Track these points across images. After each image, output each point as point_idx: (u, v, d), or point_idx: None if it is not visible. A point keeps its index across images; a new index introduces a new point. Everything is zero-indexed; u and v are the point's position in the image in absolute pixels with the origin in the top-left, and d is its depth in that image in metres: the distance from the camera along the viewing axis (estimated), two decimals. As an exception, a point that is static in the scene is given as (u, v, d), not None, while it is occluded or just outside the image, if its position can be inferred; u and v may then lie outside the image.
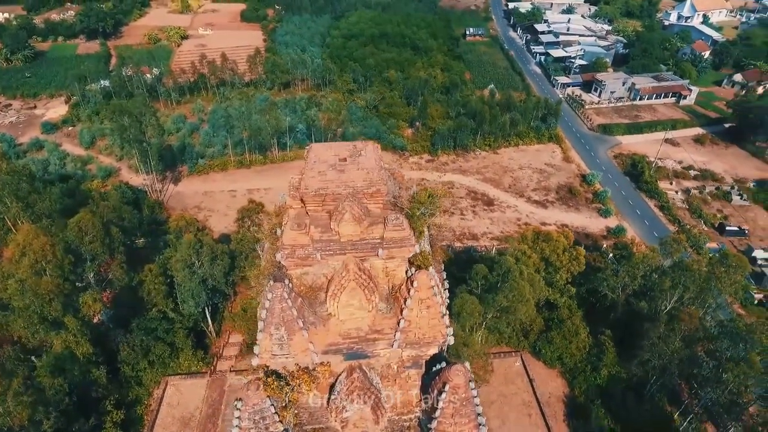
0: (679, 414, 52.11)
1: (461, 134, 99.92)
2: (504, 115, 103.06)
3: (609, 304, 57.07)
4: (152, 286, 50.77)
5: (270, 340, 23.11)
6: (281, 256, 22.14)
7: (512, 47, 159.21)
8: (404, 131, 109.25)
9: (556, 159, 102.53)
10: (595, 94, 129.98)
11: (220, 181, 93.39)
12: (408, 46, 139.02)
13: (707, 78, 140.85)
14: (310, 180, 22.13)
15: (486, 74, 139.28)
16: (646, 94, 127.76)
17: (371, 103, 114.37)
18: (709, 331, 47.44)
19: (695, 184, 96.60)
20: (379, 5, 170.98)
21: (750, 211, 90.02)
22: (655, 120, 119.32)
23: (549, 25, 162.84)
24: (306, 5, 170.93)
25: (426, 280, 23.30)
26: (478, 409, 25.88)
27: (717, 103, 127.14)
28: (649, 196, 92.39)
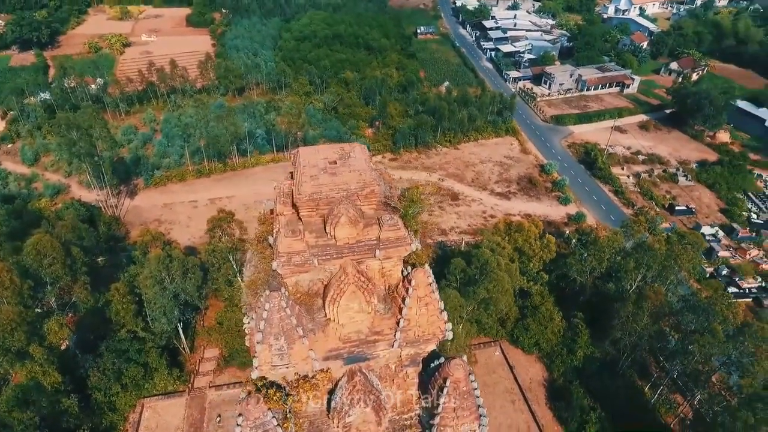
0: (650, 387, 54.91)
1: (422, 132, 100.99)
2: (462, 110, 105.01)
3: (578, 288, 59.32)
4: (120, 305, 48.45)
5: (269, 351, 22.57)
6: (277, 265, 21.66)
7: (463, 44, 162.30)
8: (365, 131, 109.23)
9: (515, 151, 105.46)
10: (545, 86, 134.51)
11: (179, 192, 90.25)
12: (362, 46, 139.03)
13: (647, 67, 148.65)
14: (303, 185, 21.74)
15: (440, 71, 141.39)
16: (592, 85, 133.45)
17: (329, 104, 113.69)
18: (673, 306, 50.17)
19: (644, 168, 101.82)
20: (330, 6, 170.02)
21: (695, 191, 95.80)
22: (602, 109, 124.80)
23: (497, 22, 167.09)
24: (254, 8, 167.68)
25: (424, 277, 23.41)
26: (478, 401, 26.28)
27: (657, 91, 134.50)
28: (604, 182, 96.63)
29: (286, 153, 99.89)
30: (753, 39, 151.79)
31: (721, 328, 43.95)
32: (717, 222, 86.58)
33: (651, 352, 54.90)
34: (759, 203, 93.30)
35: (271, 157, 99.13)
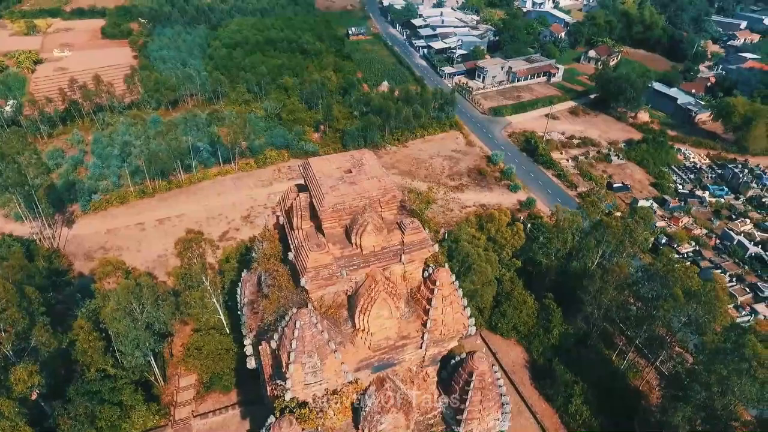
0: (616, 355, 58.82)
1: (370, 132, 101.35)
2: (407, 108, 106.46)
3: (544, 270, 62.25)
4: (86, 344, 44.74)
5: (303, 369, 21.99)
6: (305, 280, 21.11)
7: (395, 43, 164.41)
8: (311, 136, 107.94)
9: (461, 145, 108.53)
10: (479, 80, 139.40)
11: (123, 215, 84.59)
12: (296, 50, 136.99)
13: (567, 56, 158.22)
14: (326, 197, 21.33)
15: (376, 71, 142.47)
16: (522, 76, 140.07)
17: (272, 111, 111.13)
18: (634, 277, 54.01)
19: (580, 151, 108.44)
20: (257, 11, 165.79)
21: (627, 168, 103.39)
22: (534, 98, 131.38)
23: (425, 20, 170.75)
24: (176, 17, 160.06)
25: (447, 276, 23.81)
26: (501, 389, 27.15)
27: (580, 78, 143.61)
28: (546, 167, 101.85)
29: (233, 165, 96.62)
30: (657, 25, 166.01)
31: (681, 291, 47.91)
32: (650, 195, 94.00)
33: (615, 322, 58.68)
34: (682, 175, 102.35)
35: (218, 170, 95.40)
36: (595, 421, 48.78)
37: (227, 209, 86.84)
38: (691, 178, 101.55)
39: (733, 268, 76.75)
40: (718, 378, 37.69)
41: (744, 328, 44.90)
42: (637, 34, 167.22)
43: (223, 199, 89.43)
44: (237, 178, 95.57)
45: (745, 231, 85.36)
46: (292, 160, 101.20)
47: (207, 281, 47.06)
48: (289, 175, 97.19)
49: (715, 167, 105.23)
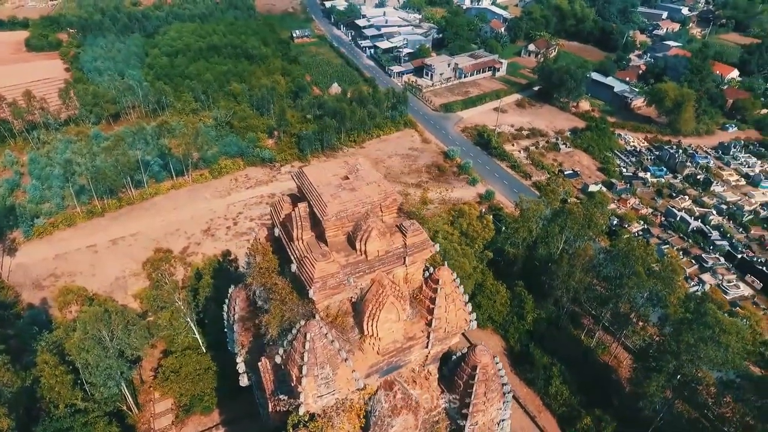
0: (585, 335, 61.72)
1: (327, 135, 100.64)
2: (361, 109, 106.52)
3: (513, 259, 64.28)
4: (53, 380, 41.83)
5: (315, 382, 21.65)
6: (313, 291, 20.78)
7: (341, 44, 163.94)
8: (265, 142, 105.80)
9: (417, 142, 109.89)
10: (427, 78, 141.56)
11: (71, 238, 79.56)
12: (242, 55, 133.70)
13: (509, 51, 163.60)
14: (329, 205, 21.08)
15: (325, 74, 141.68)
16: (468, 72, 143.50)
17: (222, 120, 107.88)
18: (598, 259, 56.79)
19: (530, 142, 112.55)
20: (195, 17, 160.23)
21: (575, 156, 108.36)
22: (482, 93, 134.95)
23: (369, 20, 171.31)
24: (107, 26, 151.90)
25: (448, 275, 24.17)
26: (503, 379, 27.89)
27: (523, 71, 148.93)
28: (500, 159, 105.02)
29: (186, 177, 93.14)
30: (588, 18, 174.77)
31: (642, 269, 50.95)
32: (598, 180, 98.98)
33: (582, 304, 61.48)
34: (624, 158, 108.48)
35: (171, 184, 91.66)
36: (574, 400, 50.96)
37: (185, 224, 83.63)
38: (633, 161, 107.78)
39: (678, 243, 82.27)
40: (686, 346, 40.43)
41: (702, 297, 48.33)
42: (571, 27, 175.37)
43: (180, 213, 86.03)
44: (192, 191, 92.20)
45: (685, 207, 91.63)
46: (248, 168, 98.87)
47: (180, 300, 45.17)
48: (247, 184, 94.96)
49: (653, 149, 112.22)
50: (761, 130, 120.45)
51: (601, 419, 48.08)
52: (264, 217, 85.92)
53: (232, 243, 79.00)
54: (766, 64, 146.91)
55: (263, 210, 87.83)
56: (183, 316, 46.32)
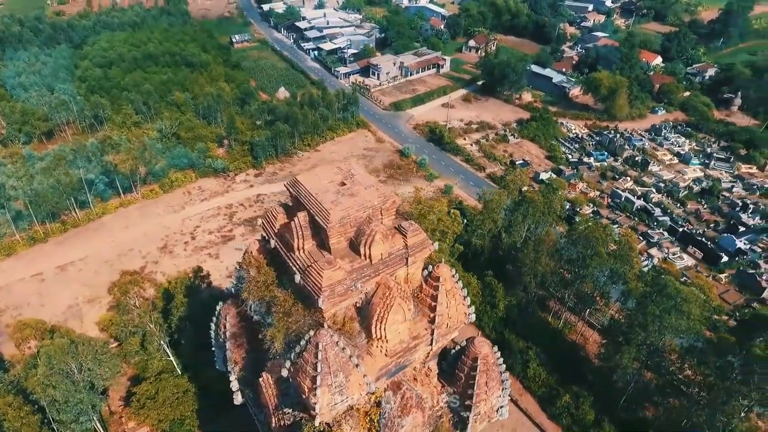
0: (552, 317, 64.50)
1: (280, 140, 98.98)
2: (312, 112, 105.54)
3: (479, 250, 66.04)
4: (18, 422, 38.76)
5: (329, 391, 21.43)
6: (323, 300, 20.53)
7: (284, 48, 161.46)
8: (216, 152, 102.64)
9: (371, 142, 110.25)
10: (374, 77, 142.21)
11: (13, 269, 73.89)
12: (181, 63, 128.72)
13: (451, 47, 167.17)
14: (331, 212, 20.88)
15: (270, 78, 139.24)
16: (413, 70, 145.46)
17: (167, 131, 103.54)
18: (561, 243, 59.46)
19: (480, 135, 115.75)
20: (126, 25, 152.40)
21: (523, 146, 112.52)
22: (429, 90, 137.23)
23: (310, 22, 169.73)
24: (29, 37, 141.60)
25: (448, 271, 24.60)
26: (501, 368, 28.76)
27: (466, 67, 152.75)
28: (454, 154, 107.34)
29: (135, 194, 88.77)
30: (522, 12, 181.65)
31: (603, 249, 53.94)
32: (547, 167, 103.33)
33: (547, 287, 64.13)
34: (569, 145, 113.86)
35: (119, 202, 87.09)
36: (552, 380, 53.19)
37: (139, 242, 79.74)
38: (577, 147, 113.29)
39: (626, 222, 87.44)
40: (653, 318, 43.25)
41: (659, 271, 51.76)
42: (506, 22, 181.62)
43: (132, 232, 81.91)
44: (142, 207, 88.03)
45: (628, 188, 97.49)
46: (200, 180, 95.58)
47: (152, 324, 43.08)
48: (201, 196, 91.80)
49: (593, 135, 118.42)
50: (686, 112, 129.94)
51: (579, 395, 50.53)
52: (223, 229, 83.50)
53: (192, 258, 76.20)
54: (684, 50, 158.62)
55: (221, 222, 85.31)
56: (157, 339, 44.22)
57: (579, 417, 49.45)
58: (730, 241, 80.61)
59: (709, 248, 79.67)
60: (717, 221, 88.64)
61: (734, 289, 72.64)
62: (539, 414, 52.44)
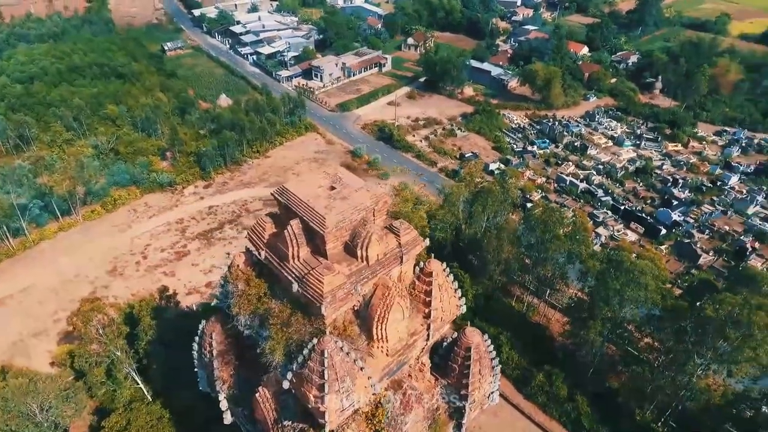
0: (515, 302, 66.94)
1: (228, 148, 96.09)
2: (259, 118, 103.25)
3: (442, 243, 67.30)
4: (-24, 474, 35.46)
5: (338, 397, 21.23)
6: (325, 306, 20.26)
7: (220, 54, 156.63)
8: (159, 165, 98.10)
9: (321, 145, 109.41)
10: (318, 79, 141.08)
11: (-58, 308, 67.28)
12: (111, 74, 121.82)
13: (390, 46, 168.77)
14: (327, 217, 20.65)
15: (209, 85, 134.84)
16: (356, 70, 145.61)
17: (104, 147, 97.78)
18: (520, 230, 61.76)
19: (428, 131, 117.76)
20: (45, 37, 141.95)
21: (470, 139, 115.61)
22: (374, 89, 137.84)
23: (245, 26, 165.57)
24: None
25: (439, 266, 25.02)
26: (491, 354, 29.63)
27: (407, 64, 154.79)
28: (405, 151, 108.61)
29: (75, 216, 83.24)
30: (455, 9, 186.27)
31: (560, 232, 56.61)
32: (495, 158, 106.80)
33: (510, 273, 66.43)
34: (512, 135, 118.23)
35: (58, 226, 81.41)
36: (523, 361, 55.26)
37: (85, 267, 74.97)
38: (520, 137, 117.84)
39: (573, 204, 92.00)
40: (614, 292, 45.99)
41: (616, 247, 55.03)
42: (441, 19, 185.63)
43: (76, 257, 76.82)
44: (85, 230, 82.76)
45: (571, 172, 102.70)
46: (146, 196, 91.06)
47: (119, 351, 40.66)
48: (149, 213, 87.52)
49: (534, 124, 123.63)
50: (615, 97, 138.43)
51: (551, 373, 52.84)
52: (177, 245, 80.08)
53: (146, 279, 72.67)
54: (607, 40, 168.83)
55: (173, 238, 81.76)
56: (125, 367, 41.80)
57: (553, 393, 51.77)
58: (666, 215, 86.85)
59: (648, 223, 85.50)
60: (653, 197, 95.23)
61: (674, 258, 78.40)
62: (515, 395, 54.38)
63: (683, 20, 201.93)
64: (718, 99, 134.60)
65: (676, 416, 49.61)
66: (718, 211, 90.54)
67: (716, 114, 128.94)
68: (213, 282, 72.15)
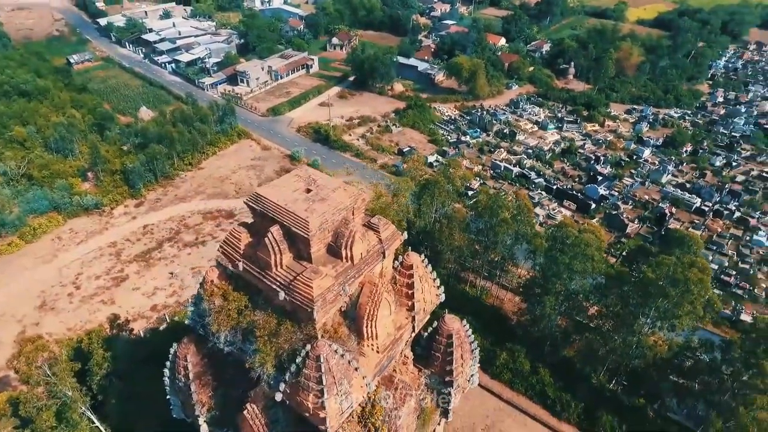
0: (469, 287, 69.11)
1: (158, 163, 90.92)
2: (188, 129, 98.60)
3: (394, 239, 67.98)
4: None
5: (336, 400, 20.92)
6: (317, 310, 19.85)
7: (134, 64, 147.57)
8: (81, 187, 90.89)
9: (257, 151, 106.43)
10: (244, 84, 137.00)
11: None
12: (13, 93, 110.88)
13: (315, 46, 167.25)
14: (310, 220, 20.20)
15: (127, 98, 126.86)
16: (283, 73, 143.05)
17: (14, 173, 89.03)
18: (469, 218, 63.70)
19: (364, 129, 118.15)
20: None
21: (406, 134, 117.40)
22: (304, 91, 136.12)
23: (159, 34, 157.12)
24: None
25: (418, 258, 25.31)
26: (470, 338, 30.50)
27: (335, 64, 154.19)
28: (343, 151, 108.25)
29: (-11, 251, 75.25)
30: (376, 7, 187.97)
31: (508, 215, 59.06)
32: (432, 151, 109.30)
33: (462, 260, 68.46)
34: (445, 128, 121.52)
35: (-30, 265, 73.11)
36: (485, 343, 57.12)
37: (9, 305, 68.08)
38: (452, 128, 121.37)
39: (509, 188, 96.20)
40: (564, 266, 48.80)
41: (560, 224, 58.25)
42: (363, 17, 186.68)
43: (0, 298, 69.49)
44: (3, 265, 75.04)
45: (504, 158, 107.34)
46: (70, 222, 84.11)
47: (70, 391, 37.30)
48: (76, 239, 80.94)
49: (464, 115, 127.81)
50: (534, 84, 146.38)
51: (513, 350, 55.14)
52: (113, 271, 74.75)
53: (82, 310, 67.31)
54: (522, 31, 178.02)
55: (107, 263, 76.22)
56: (80, 406, 38.44)
57: (517, 369, 54.11)
58: (594, 190, 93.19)
59: (579, 199, 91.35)
60: (579, 175, 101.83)
61: (605, 230, 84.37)
62: (482, 376, 55.75)
63: (586, 9, 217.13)
64: (624, 80, 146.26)
65: (627, 375, 53.64)
66: (637, 182, 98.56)
67: (624, 94, 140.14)
68: (158, 305, 68.37)
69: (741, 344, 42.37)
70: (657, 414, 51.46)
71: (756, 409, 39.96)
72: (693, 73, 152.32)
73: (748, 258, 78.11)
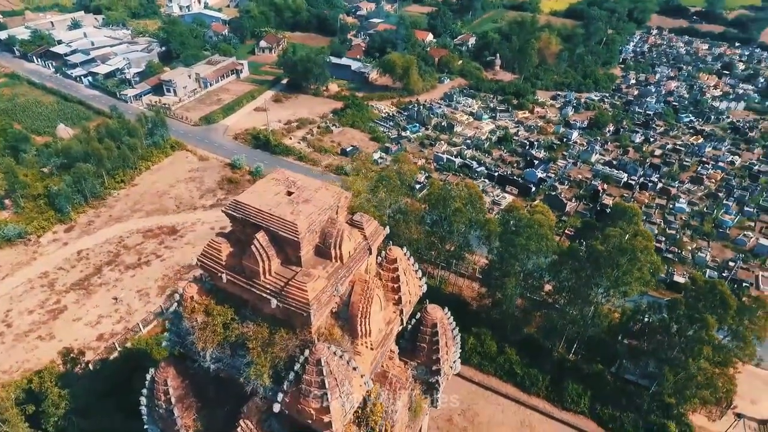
0: (428, 278, 70.26)
1: (86, 183, 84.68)
2: (117, 144, 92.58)
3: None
4: None
5: (339, 403, 20.51)
6: (313, 314, 19.33)
7: (44, 79, 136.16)
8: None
9: (195, 162, 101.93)
10: (171, 94, 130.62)
11: None
12: None
13: (242, 51, 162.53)
14: (298, 222, 19.61)
15: (41, 117, 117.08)
16: (212, 80, 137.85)
17: None
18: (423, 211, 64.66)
19: (303, 132, 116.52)
20: None
21: (347, 133, 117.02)
22: (236, 98, 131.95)
23: (70, 45, 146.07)
24: None
25: (400, 251, 25.36)
26: (452, 325, 31.07)
27: (265, 68, 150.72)
28: (285, 155, 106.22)
29: None
30: (302, 9, 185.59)
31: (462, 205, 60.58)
32: (376, 148, 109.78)
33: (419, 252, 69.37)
34: (385, 125, 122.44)
35: None
36: (452, 331, 58.33)
37: None
38: (392, 124, 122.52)
39: (454, 179, 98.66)
40: (521, 248, 50.87)
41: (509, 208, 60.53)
42: (289, 19, 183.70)
43: None
44: None
45: (445, 150, 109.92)
46: (-10, 256, 76.47)
47: None
48: (0, 274, 73.70)
49: (402, 111, 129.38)
50: (465, 77, 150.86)
51: (479, 334, 56.74)
52: (48, 303, 68.88)
53: (17, 349, 61.58)
54: (447, 26, 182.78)
55: (41, 296, 70.17)
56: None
57: (485, 352, 55.75)
58: (532, 174, 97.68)
59: (520, 183, 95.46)
60: (517, 161, 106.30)
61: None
62: (452, 364, 57.32)
63: (504, 2, 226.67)
64: (547, 68, 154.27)
65: (585, 344, 56.87)
66: (569, 163, 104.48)
67: (548, 81, 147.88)
68: (105, 333, 63.90)
69: (685, 302, 46.16)
70: (615, 376, 55.01)
71: (702, 359, 43.77)
72: (606, 59, 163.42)
73: (673, 224, 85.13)
